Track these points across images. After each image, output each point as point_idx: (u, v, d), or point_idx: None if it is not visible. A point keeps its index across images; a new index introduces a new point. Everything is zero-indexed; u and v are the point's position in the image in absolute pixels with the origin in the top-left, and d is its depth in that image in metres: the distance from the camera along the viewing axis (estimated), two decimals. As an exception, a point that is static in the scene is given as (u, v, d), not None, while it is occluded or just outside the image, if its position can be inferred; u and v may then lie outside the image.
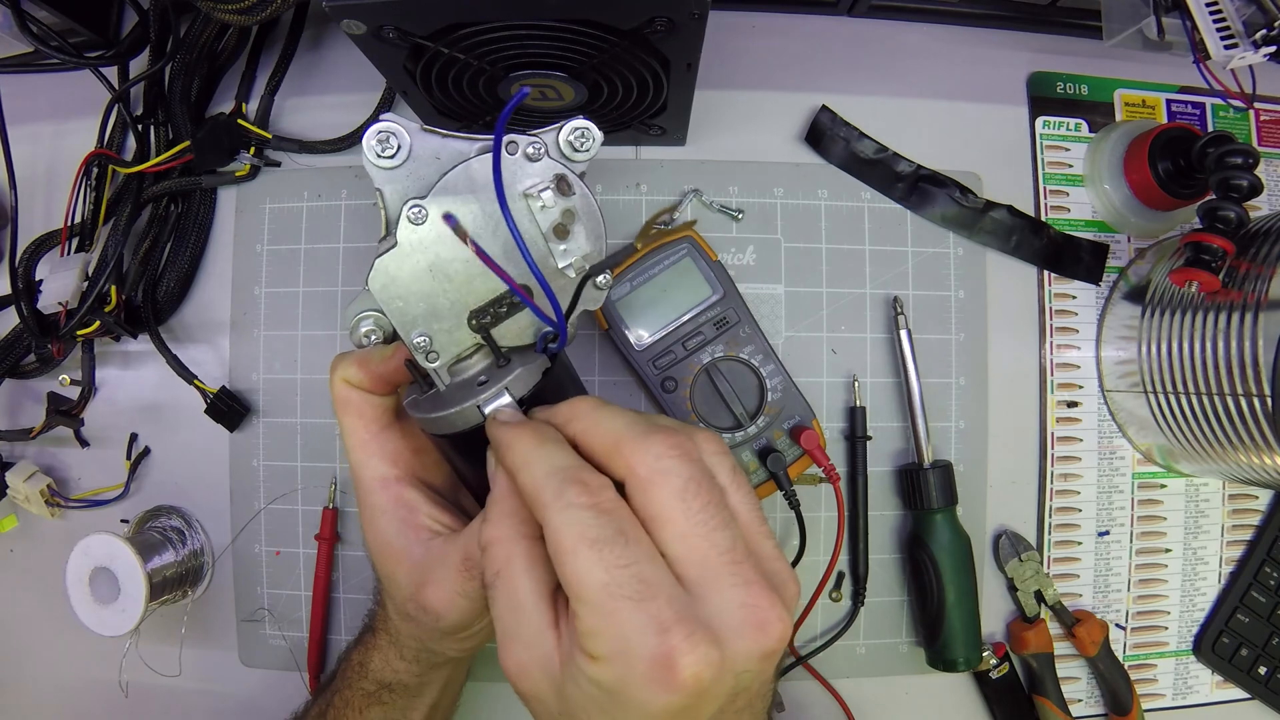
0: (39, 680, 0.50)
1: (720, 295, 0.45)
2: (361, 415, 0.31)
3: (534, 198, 0.28)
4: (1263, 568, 0.49)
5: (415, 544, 0.30)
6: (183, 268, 0.48)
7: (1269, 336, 0.37)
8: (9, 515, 0.50)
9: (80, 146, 0.48)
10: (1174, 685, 0.50)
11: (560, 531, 0.22)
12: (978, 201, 0.49)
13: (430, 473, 0.32)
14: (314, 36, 0.50)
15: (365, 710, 0.35)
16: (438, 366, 0.29)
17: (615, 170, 0.49)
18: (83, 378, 0.48)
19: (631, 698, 0.21)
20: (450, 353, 0.29)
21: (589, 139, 0.29)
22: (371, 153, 0.28)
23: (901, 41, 0.51)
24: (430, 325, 0.29)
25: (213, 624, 0.49)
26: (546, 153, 0.28)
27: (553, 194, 0.28)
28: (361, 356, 0.31)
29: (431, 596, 0.29)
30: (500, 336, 0.30)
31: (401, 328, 0.29)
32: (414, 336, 0.29)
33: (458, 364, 0.30)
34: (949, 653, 0.45)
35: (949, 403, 0.49)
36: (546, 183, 0.28)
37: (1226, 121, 0.52)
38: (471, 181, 0.28)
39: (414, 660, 0.34)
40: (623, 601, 0.21)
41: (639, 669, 0.21)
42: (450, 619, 0.30)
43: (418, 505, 0.31)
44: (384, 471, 0.31)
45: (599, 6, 0.31)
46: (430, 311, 0.29)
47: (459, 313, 0.29)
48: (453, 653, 0.33)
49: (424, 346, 0.29)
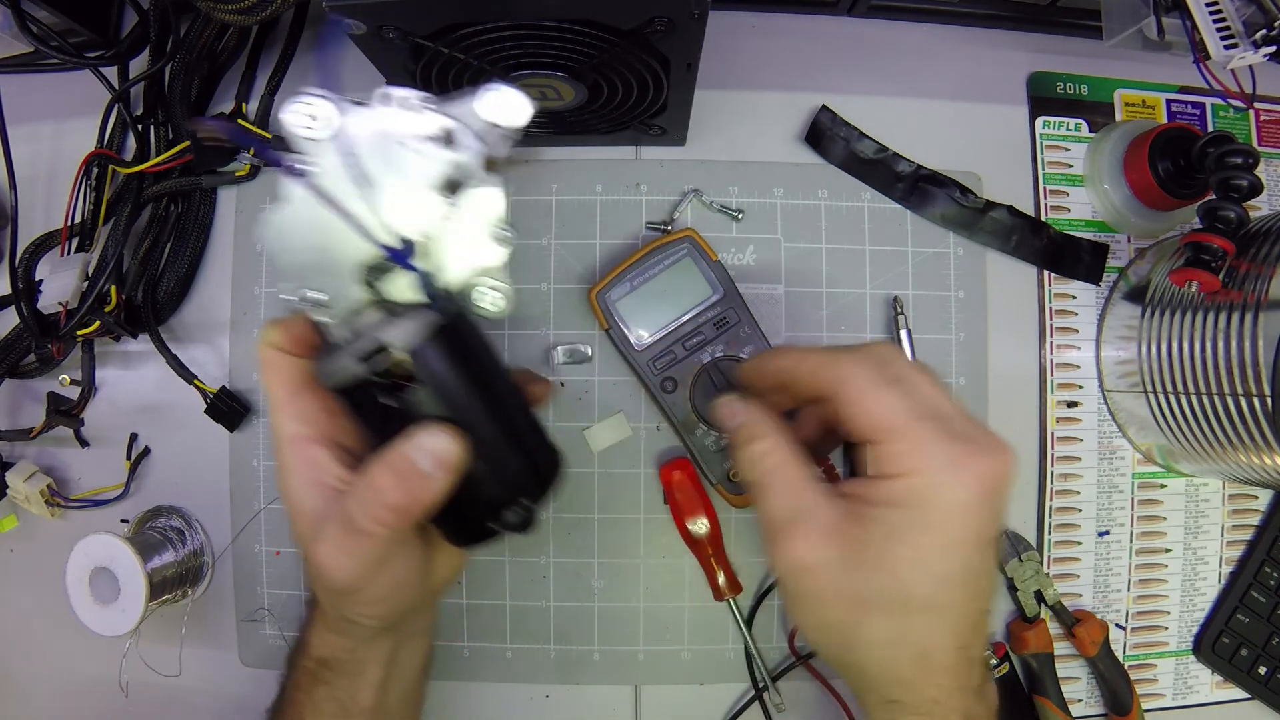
0: (39, 680, 0.50)
1: (720, 295, 0.45)
2: (280, 375, 0.32)
3: (417, 150, 0.28)
4: (1263, 568, 0.49)
5: (319, 502, 0.30)
6: (183, 268, 0.48)
7: (1269, 336, 0.37)
8: (9, 515, 0.50)
9: (80, 146, 0.48)
10: (1174, 685, 0.50)
11: (860, 376, 0.28)
12: (978, 201, 0.49)
13: (345, 434, 0.32)
14: (314, 36, 0.50)
15: (311, 691, 0.34)
16: (334, 322, 0.29)
17: (615, 170, 0.49)
18: (83, 378, 0.48)
19: (940, 499, 0.27)
20: (344, 308, 0.29)
21: (511, 105, 0.28)
22: (297, 126, 0.27)
23: (901, 41, 0.51)
24: (324, 280, 0.29)
25: (213, 624, 0.49)
26: (433, 108, 0.28)
27: (437, 146, 0.28)
28: (283, 320, 0.32)
29: (320, 553, 0.29)
30: (394, 292, 0.29)
31: (293, 282, 0.29)
32: (308, 291, 0.29)
33: (356, 320, 0.29)
34: (949, 653, 0.45)
35: (949, 403, 0.49)
36: (431, 135, 0.28)
37: (1226, 121, 0.52)
38: (353, 138, 0.28)
39: (341, 632, 0.34)
40: (926, 421, 0.27)
41: (945, 473, 0.27)
42: (335, 578, 0.29)
43: (324, 464, 0.31)
44: (296, 430, 0.31)
45: (599, 6, 0.31)
46: (321, 266, 0.29)
47: (350, 268, 0.29)
48: (365, 621, 0.33)
49: (318, 301, 0.29)
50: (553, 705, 0.48)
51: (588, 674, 0.48)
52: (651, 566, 0.48)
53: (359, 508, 0.28)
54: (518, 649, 0.48)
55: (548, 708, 0.48)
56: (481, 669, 0.48)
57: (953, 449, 0.27)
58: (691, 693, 0.48)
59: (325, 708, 0.34)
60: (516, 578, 0.48)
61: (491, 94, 0.28)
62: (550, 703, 0.48)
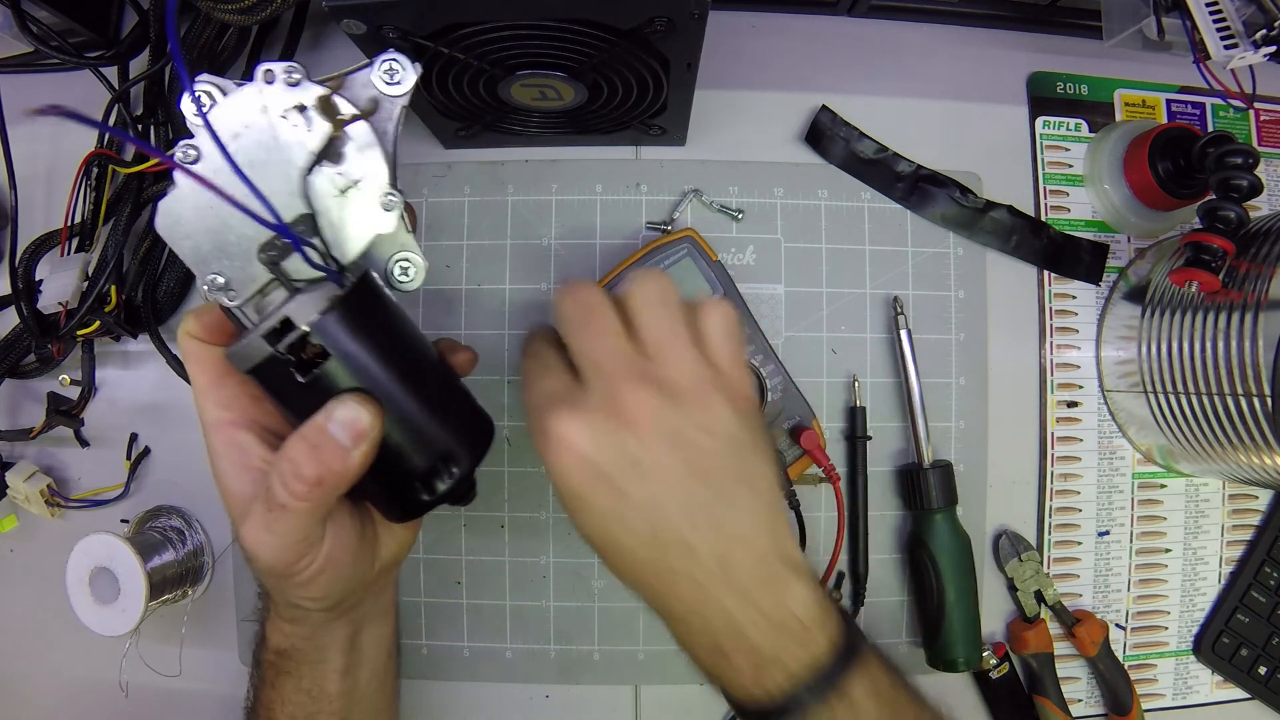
0: (39, 680, 0.50)
1: (720, 295, 0.45)
2: (200, 363, 0.32)
3: (291, 119, 0.28)
4: (1263, 568, 0.49)
5: (247, 485, 0.30)
6: (183, 268, 0.48)
7: (1269, 336, 0.37)
8: (9, 515, 0.50)
9: (80, 146, 0.48)
10: (1174, 685, 0.50)
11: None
12: (978, 201, 0.49)
13: (269, 417, 0.32)
14: (314, 36, 0.50)
15: (277, 684, 0.34)
16: (240, 305, 0.29)
17: (615, 170, 0.49)
18: (83, 378, 0.48)
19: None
20: (248, 289, 0.29)
21: (400, 70, 0.29)
22: (189, 112, 0.27)
23: (901, 41, 0.51)
24: (221, 263, 0.29)
25: (213, 624, 0.49)
26: (305, 77, 0.28)
27: (313, 115, 0.28)
28: (199, 309, 0.32)
29: (245, 534, 0.29)
30: (295, 270, 0.29)
31: (195, 267, 0.29)
32: (207, 275, 0.29)
33: (262, 301, 0.29)
34: (949, 653, 0.45)
35: (949, 403, 0.49)
36: (305, 104, 0.28)
37: (1226, 121, 0.52)
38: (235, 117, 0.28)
39: (292, 619, 0.33)
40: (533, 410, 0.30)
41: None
42: (262, 558, 0.29)
43: (250, 447, 0.31)
44: (219, 415, 0.31)
45: (599, 6, 0.31)
46: (219, 249, 0.28)
47: (248, 248, 0.28)
48: (309, 604, 0.32)
49: (219, 285, 0.29)
50: (553, 705, 0.48)
51: (588, 674, 0.48)
52: (651, 566, 0.48)
53: (277, 482, 0.28)
54: (518, 649, 0.48)
55: (548, 708, 0.48)
56: (481, 669, 0.48)
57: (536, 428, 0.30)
58: (691, 693, 0.48)
59: (294, 699, 0.34)
60: (516, 578, 0.48)
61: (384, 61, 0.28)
62: (550, 703, 0.48)
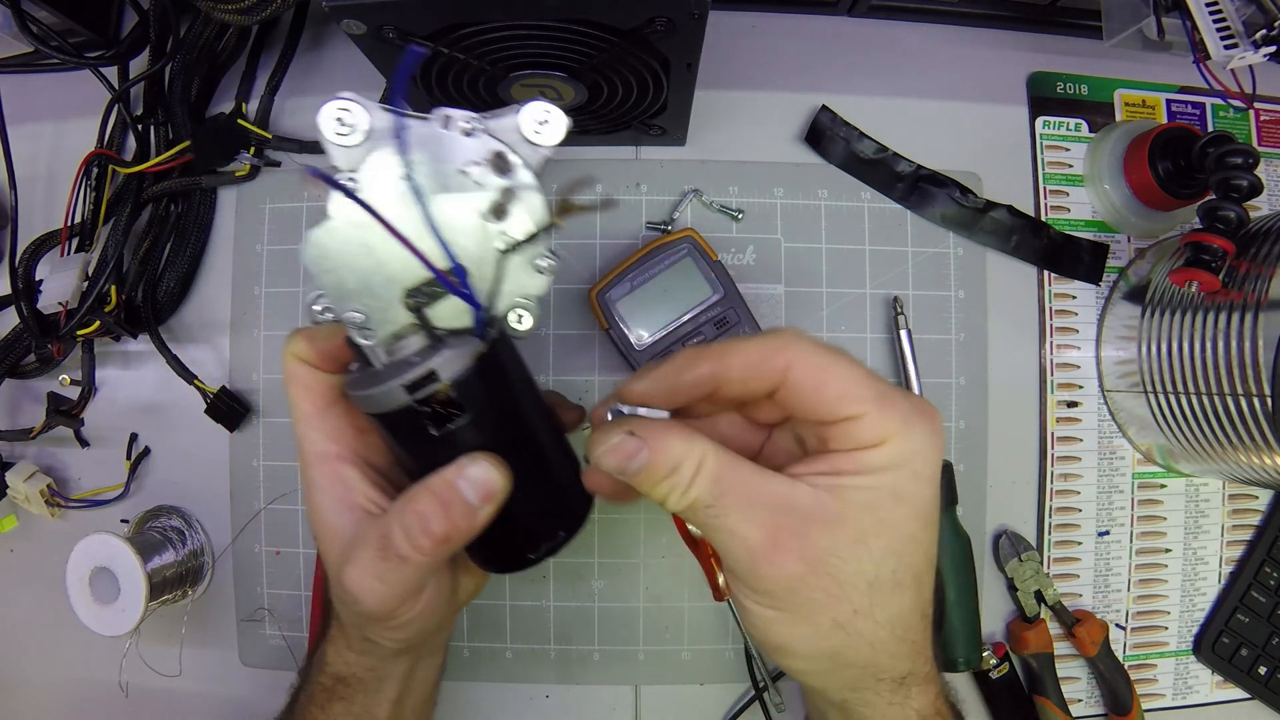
0: (39, 680, 0.50)
1: (720, 295, 0.45)
2: (307, 390, 0.31)
3: (468, 175, 0.27)
4: (1263, 568, 0.49)
5: (349, 523, 0.30)
6: (183, 268, 0.48)
7: (1269, 336, 0.37)
8: (9, 515, 0.50)
9: (80, 146, 0.48)
10: (1174, 685, 0.50)
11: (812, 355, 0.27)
12: (978, 201, 0.49)
13: (374, 452, 0.32)
14: (314, 36, 0.50)
15: (327, 706, 0.34)
16: (373, 344, 0.29)
17: (615, 170, 0.49)
18: (83, 378, 0.48)
19: (923, 456, 0.26)
20: (385, 330, 0.28)
21: (552, 123, 0.28)
22: (330, 131, 0.27)
23: (901, 41, 0.51)
24: (364, 301, 0.28)
25: (213, 624, 0.49)
26: (485, 130, 0.27)
27: (488, 171, 0.27)
28: (311, 332, 0.31)
29: (350, 577, 0.29)
30: (438, 317, 0.28)
31: (335, 302, 0.28)
32: (347, 312, 0.28)
33: (395, 343, 0.29)
34: (949, 653, 0.45)
35: (949, 403, 0.49)
36: (482, 160, 0.27)
37: (1226, 121, 0.52)
38: (401, 155, 0.27)
39: (362, 651, 0.33)
40: (879, 386, 0.26)
41: (917, 431, 0.26)
42: (366, 603, 0.29)
43: (355, 484, 0.30)
44: (324, 447, 0.31)
45: (599, 6, 0.31)
46: (364, 287, 0.28)
47: (394, 290, 0.28)
48: (388, 643, 0.32)
49: (358, 323, 0.28)
50: (553, 705, 0.48)
51: (588, 674, 0.48)
52: (651, 566, 0.48)
53: (400, 533, 0.28)
54: (518, 649, 0.48)
55: (548, 708, 0.48)
56: (481, 669, 0.48)
57: (909, 409, 0.26)
58: (691, 693, 0.48)
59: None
60: (516, 578, 0.48)
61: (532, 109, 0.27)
62: (550, 703, 0.48)
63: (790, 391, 0.27)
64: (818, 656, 0.26)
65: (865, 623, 0.26)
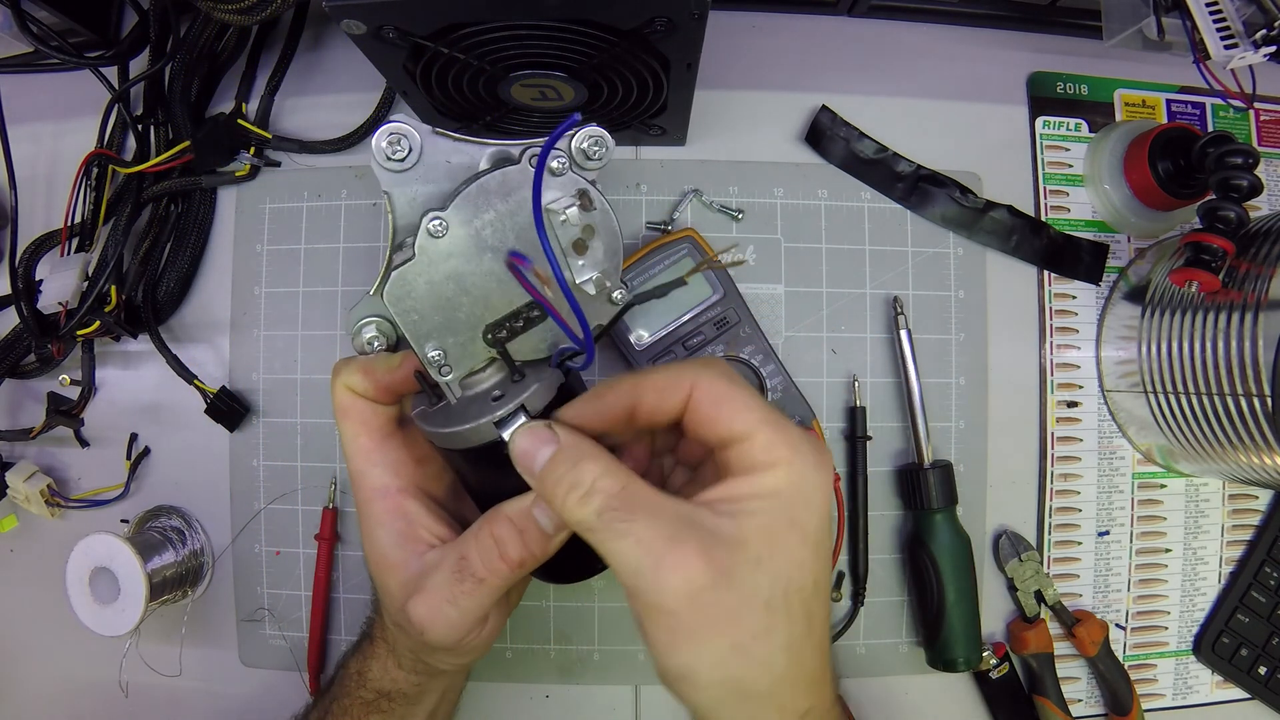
0: (39, 680, 0.50)
1: (720, 295, 0.45)
2: (364, 423, 0.31)
3: (557, 213, 0.27)
4: (1263, 568, 0.49)
5: (412, 557, 0.30)
6: (183, 268, 0.48)
7: (1269, 336, 0.37)
8: (9, 515, 0.50)
9: (80, 146, 0.48)
10: (1174, 685, 0.50)
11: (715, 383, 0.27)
12: (978, 201, 0.49)
13: (431, 483, 0.32)
14: (314, 36, 0.50)
15: (364, 719, 0.35)
16: (450, 380, 0.29)
17: (615, 170, 0.49)
18: (83, 378, 0.48)
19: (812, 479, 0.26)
20: (464, 366, 0.29)
21: (603, 146, 0.28)
22: (381, 155, 0.27)
23: (901, 41, 0.51)
24: (445, 338, 0.28)
25: (213, 624, 0.49)
26: (570, 167, 0.28)
27: (577, 210, 0.28)
28: (366, 364, 0.31)
29: (418, 607, 0.29)
30: (515, 351, 0.29)
31: (415, 340, 0.28)
32: (428, 349, 0.28)
33: (470, 377, 0.29)
34: (949, 653, 0.45)
35: (949, 403, 0.49)
36: (571, 198, 0.28)
37: (1226, 121, 0.52)
38: (489, 195, 0.28)
39: (412, 670, 0.34)
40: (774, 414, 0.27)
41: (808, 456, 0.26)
42: (435, 632, 0.29)
43: (417, 518, 0.31)
44: (385, 482, 0.31)
45: (599, 6, 0.31)
46: (446, 324, 0.28)
47: (474, 326, 0.28)
48: (447, 666, 0.33)
49: (438, 360, 0.28)
50: (553, 705, 0.48)
51: (588, 674, 0.48)
52: (651, 566, 0.48)
53: (478, 556, 0.28)
54: (518, 649, 0.48)
55: (548, 708, 0.48)
56: (482, 669, 0.48)
57: (799, 438, 0.27)
58: (691, 693, 0.48)
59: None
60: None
61: (581, 136, 0.28)
62: (550, 703, 0.48)
63: (692, 413, 0.27)
64: (719, 685, 0.25)
65: (763, 647, 0.25)
